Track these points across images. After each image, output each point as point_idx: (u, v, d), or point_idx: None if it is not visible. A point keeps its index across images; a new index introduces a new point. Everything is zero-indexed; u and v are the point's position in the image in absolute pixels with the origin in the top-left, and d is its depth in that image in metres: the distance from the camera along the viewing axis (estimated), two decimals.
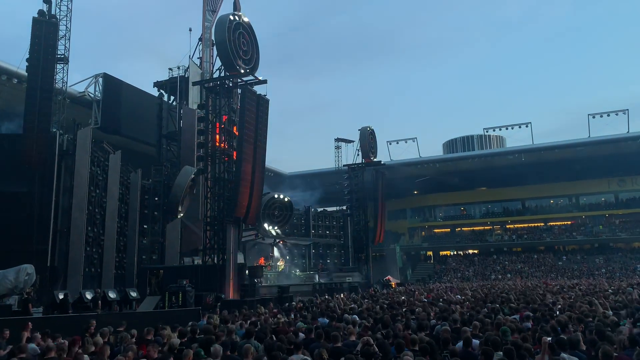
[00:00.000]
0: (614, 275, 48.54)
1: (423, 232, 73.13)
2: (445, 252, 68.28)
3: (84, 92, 35.13)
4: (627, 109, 54.38)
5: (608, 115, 55.46)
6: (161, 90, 35.31)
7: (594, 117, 55.42)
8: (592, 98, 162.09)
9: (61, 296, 19.26)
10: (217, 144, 27.21)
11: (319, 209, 50.40)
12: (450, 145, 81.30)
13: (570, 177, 60.75)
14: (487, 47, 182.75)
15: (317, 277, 39.99)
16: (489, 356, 6.32)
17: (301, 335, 9.41)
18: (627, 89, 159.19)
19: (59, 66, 25.64)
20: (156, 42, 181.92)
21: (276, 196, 37.83)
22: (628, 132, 53.59)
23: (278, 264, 40.40)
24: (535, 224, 67.08)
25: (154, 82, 35.32)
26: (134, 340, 9.05)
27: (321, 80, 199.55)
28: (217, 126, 27.38)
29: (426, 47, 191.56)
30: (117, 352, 7.88)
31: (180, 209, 30.08)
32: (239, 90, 28.03)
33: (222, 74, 27.80)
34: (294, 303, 20.49)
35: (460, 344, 7.67)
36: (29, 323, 11.03)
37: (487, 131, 70.86)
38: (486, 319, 10.28)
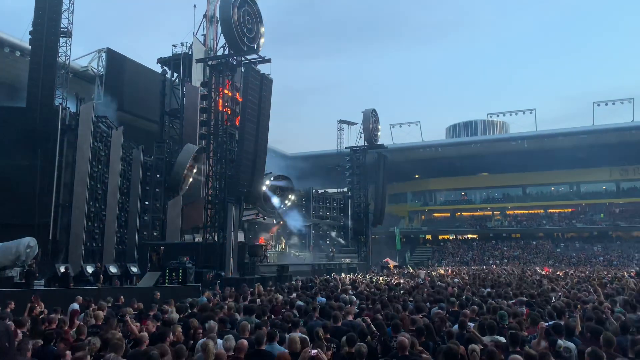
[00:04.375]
0: (612, 263, 48.81)
1: (423, 216, 73.37)
2: (444, 237, 68.58)
3: (87, 66, 34.98)
4: (633, 98, 54.15)
5: (613, 104, 55.26)
6: (164, 67, 35.11)
7: (599, 105, 55.23)
8: (597, 85, 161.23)
9: (62, 269, 19.49)
10: (220, 122, 27.16)
11: (320, 191, 50.46)
12: (453, 130, 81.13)
13: (572, 164, 60.72)
14: (493, 31, 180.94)
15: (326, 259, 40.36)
16: (476, 340, 6.42)
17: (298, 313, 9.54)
18: (633, 77, 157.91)
19: (62, 40, 25.43)
20: (160, 18, 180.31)
21: (278, 176, 37.83)
22: (633, 120, 53.40)
23: (278, 243, 40.65)
24: (536, 211, 67.23)
25: (158, 59, 35.11)
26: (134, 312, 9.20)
27: (325, 60, 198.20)
28: (220, 104, 27.31)
29: (431, 30, 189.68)
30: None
31: (181, 187, 30.17)
32: (243, 69, 27.86)
33: (226, 52, 27.60)
34: (293, 282, 20.69)
35: (456, 326, 7.77)
36: (34, 296, 11.08)
37: (490, 116, 70.69)
38: (483, 302, 10.40)
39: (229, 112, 27.32)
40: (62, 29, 25.09)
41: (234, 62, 27.49)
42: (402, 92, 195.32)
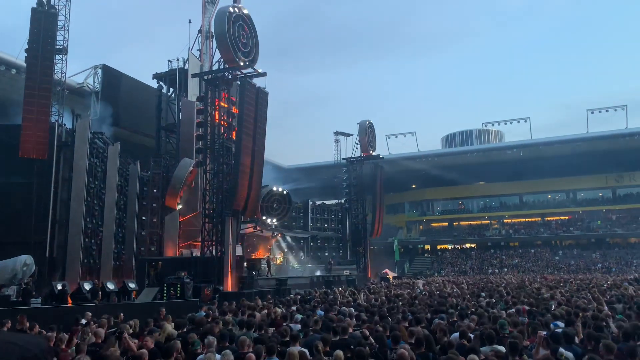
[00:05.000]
0: (610, 270, 48.78)
1: (421, 226, 73.30)
2: (443, 246, 68.47)
3: (83, 83, 35.11)
4: (626, 105, 54.58)
5: (607, 111, 55.65)
6: (160, 82, 35.18)
7: (592, 113, 55.60)
8: (591, 93, 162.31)
9: (60, 287, 19.36)
10: (216, 136, 27.21)
11: (318, 202, 50.43)
12: (449, 140, 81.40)
13: (568, 172, 60.93)
14: (487, 41, 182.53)
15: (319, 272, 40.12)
16: (476, 351, 6.41)
17: (298, 327, 9.48)
18: (626, 85, 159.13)
19: (57, 57, 25.53)
20: (155, 33, 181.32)
21: (275, 189, 37.79)
22: (626, 127, 53.75)
23: (276, 256, 40.50)
24: (533, 219, 67.27)
25: (153, 74, 35.20)
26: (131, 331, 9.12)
27: (321, 72, 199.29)
28: (217, 118, 27.40)
29: (426, 41, 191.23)
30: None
31: (178, 201, 30.11)
32: (239, 83, 27.98)
33: (222, 67, 27.74)
34: (291, 295, 20.59)
35: (456, 335, 7.74)
36: (20, 315, 10.76)
37: (485, 126, 71.00)
38: (484, 312, 10.37)
39: (226, 125, 27.41)
40: (57, 47, 25.20)
41: (230, 77, 27.62)
42: (397, 103, 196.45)
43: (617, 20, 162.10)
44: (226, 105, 27.70)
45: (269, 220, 36.95)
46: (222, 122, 27.32)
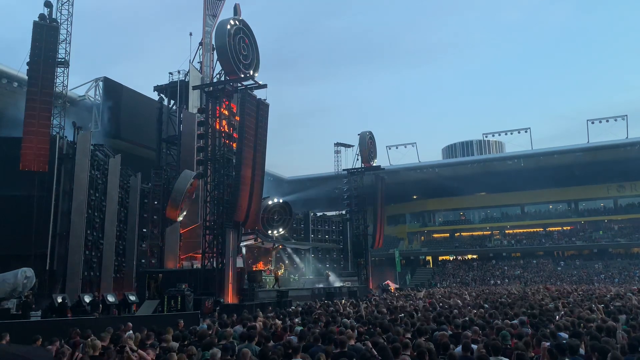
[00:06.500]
0: (613, 280, 48.54)
1: (422, 237, 73.15)
2: (444, 257, 68.24)
3: (84, 95, 35.28)
4: (626, 115, 54.75)
5: (607, 121, 55.74)
6: (161, 94, 35.34)
7: (593, 123, 55.71)
8: (591, 103, 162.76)
9: (60, 300, 19.25)
10: (217, 148, 27.26)
11: (319, 214, 50.33)
12: (449, 150, 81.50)
13: (569, 182, 60.91)
14: (487, 52, 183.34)
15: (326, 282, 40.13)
16: None
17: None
18: (626, 95, 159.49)
19: (59, 70, 25.67)
20: (156, 46, 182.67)
21: (275, 200, 37.78)
22: (627, 137, 53.83)
23: (277, 268, 40.32)
24: (535, 229, 67.14)
25: (154, 86, 35.36)
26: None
27: (321, 84, 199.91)
28: (217, 130, 27.48)
29: (425, 52, 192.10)
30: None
31: (179, 213, 30.09)
32: (239, 95, 28.11)
33: (223, 79, 27.88)
34: (292, 307, 20.48)
35: (459, 348, 7.67)
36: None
37: (486, 136, 71.10)
38: (486, 323, 10.29)
39: (227, 135, 27.48)
40: (59, 59, 25.34)
41: (230, 89, 27.75)
42: (397, 114, 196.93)
43: (616, 30, 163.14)
44: (227, 113, 27.82)
45: (269, 231, 36.89)
46: (222, 129, 27.43)
